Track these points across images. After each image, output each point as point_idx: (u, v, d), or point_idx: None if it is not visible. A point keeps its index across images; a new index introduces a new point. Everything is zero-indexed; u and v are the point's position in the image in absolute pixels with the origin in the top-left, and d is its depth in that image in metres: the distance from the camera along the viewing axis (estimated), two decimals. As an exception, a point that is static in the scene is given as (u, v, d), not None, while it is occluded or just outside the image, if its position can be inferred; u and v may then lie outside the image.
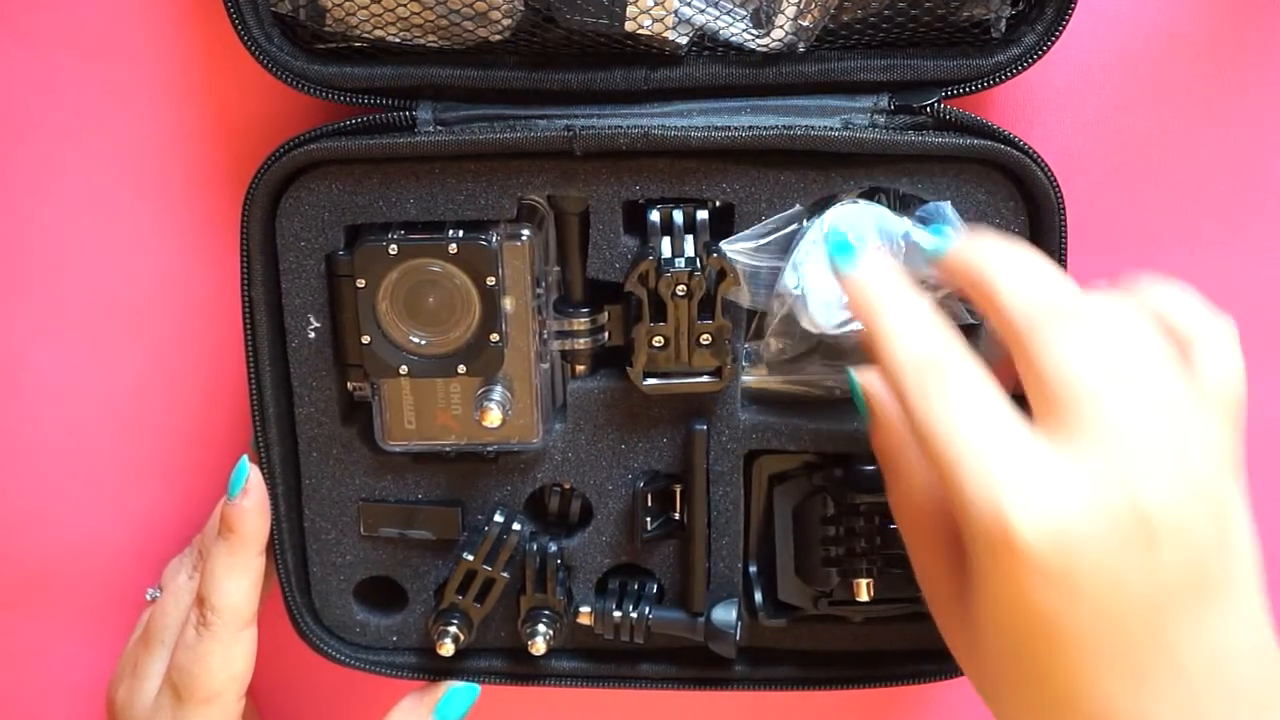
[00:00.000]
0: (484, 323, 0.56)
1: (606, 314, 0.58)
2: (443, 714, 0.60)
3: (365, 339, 0.56)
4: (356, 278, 0.55)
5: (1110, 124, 0.59)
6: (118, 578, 0.66)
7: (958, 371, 0.45)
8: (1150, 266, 0.60)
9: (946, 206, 0.55)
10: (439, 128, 0.55)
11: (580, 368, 0.59)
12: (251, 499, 0.57)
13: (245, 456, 0.58)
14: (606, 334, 0.58)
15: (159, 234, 0.62)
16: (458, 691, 0.61)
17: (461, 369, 0.56)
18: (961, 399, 0.44)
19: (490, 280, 0.55)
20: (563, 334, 0.58)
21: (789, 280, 0.55)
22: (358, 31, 0.55)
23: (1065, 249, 0.55)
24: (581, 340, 0.58)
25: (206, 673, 0.56)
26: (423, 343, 0.56)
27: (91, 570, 0.66)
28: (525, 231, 0.56)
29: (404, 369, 0.56)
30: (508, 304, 0.56)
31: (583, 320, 0.57)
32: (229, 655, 0.56)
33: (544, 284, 0.57)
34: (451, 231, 0.55)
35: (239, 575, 0.56)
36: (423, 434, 0.58)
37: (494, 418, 0.56)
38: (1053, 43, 0.53)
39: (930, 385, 0.45)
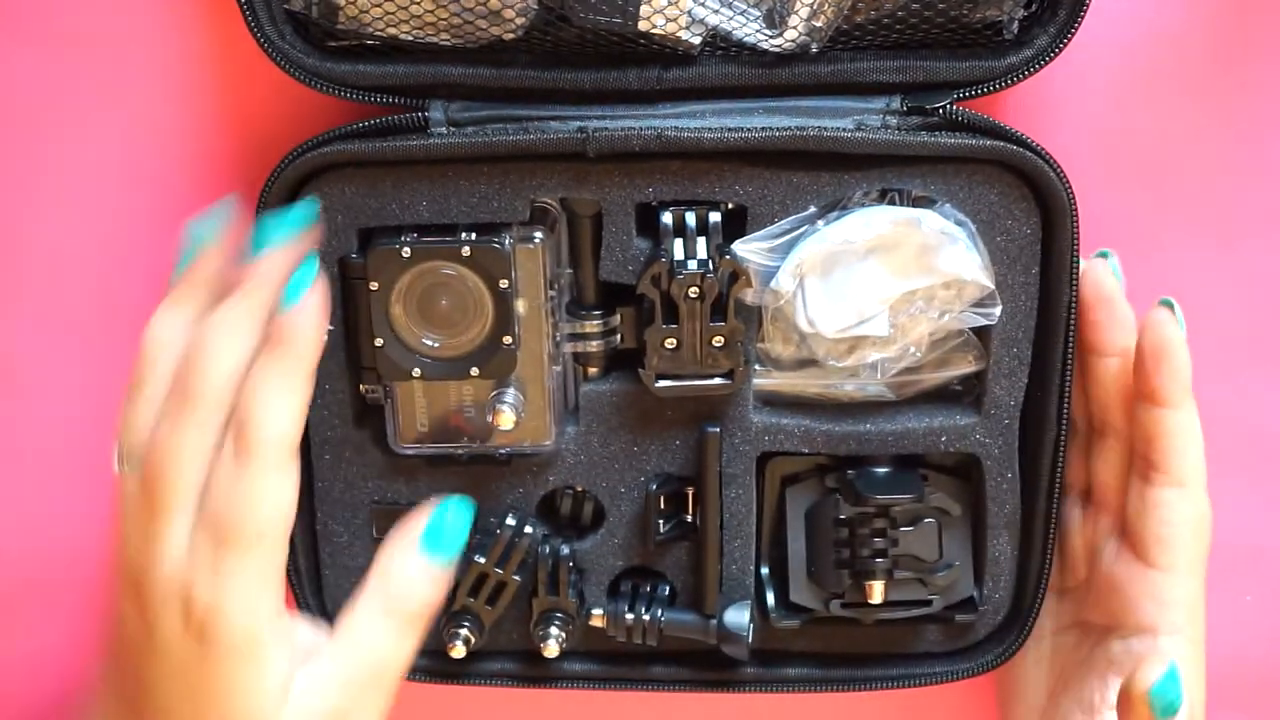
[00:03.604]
0: (497, 325, 0.55)
1: (619, 316, 0.58)
2: (432, 545, 0.52)
3: (378, 341, 0.55)
4: (369, 280, 0.55)
5: (1123, 125, 0.59)
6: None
7: None
8: (1164, 268, 0.60)
9: (948, 208, 0.55)
10: (452, 129, 0.55)
11: (593, 370, 0.59)
12: (310, 308, 0.49)
13: (314, 254, 0.51)
14: (619, 336, 0.58)
15: (170, 234, 0.61)
16: (444, 512, 0.52)
17: (474, 371, 0.56)
18: None
19: (503, 283, 0.55)
20: (575, 336, 0.58)
21: (785, 281, 0.55)
22: (370, 29, 0.55)
23: (1078, 250, 0.55)
24: (594, 343, 0.58)
25: (255, 510, 0.47)
26: (435, 345, 0.56)
27: (91, 570, 0.66)
28: (538, 234, 0.55)
29: (417, 371, 0.56)
30: (520, 306, 0.56)
31: (595, 323, 0.57)
32: (279, 487, 0.48)
33: (557, 286, 0.57)
34: (464, 234, 0.55)
35: (289, 395, 0.49)
36: (435, 437, 0.58)
37: (507, 420, 0.56)
38: (1065, 44, 0.53)
39: None
